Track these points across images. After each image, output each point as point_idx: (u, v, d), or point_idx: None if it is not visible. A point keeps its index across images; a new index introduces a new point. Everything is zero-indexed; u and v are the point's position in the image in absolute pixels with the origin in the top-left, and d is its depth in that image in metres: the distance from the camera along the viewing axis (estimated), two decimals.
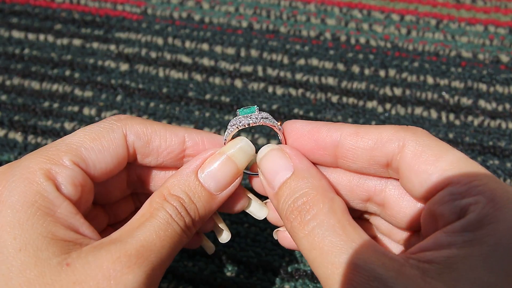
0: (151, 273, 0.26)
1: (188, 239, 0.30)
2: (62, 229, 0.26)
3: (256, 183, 0.34)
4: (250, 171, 0.34)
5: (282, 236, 0.35)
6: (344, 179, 0.32)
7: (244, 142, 0.32)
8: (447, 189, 0.26)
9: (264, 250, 0.46)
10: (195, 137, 0.32)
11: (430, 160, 0.27)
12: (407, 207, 0.30)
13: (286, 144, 0.32)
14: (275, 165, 0.31)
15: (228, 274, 0.45)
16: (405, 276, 0.23)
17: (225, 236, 0.35)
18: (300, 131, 0.31)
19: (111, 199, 0.35)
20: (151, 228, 0.28)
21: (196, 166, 0.31)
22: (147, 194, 0.34)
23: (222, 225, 0.35)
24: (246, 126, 0.32)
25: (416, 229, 0.31)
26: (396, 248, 0.34)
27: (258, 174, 0.33)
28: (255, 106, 0.33)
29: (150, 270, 0.26)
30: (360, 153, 0.30)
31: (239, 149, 0.31)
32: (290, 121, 0.32)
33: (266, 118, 0.32)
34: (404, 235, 0.33)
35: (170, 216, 0.29)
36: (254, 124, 0.32)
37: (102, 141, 0.30)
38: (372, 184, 0.32)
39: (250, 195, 0.35)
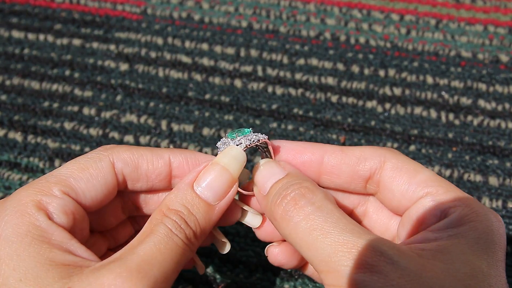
0: (154, 287, 0.26)
1: (192, 252, 0.30)
2: (59, 253, 0.27)
3: (253, 202, 0.35)
4: (245, 190, 0.34)
5: (275, 252, 0.35)
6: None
7: (235, 150, 0.32)
8: (428, 197, 0.30)
9: (263, 249, 0.46)
10: (179, 157, 0.33)
11: (410, 174, 0.31)
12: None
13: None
14: (269, 171, 0.32)
15: (228, 274, 0.45)
16: (405, 255, 0.26)
17: (226, 248, 0.36)
18: (286, 150, 0.34)
19: (108, 225, 0.35)
20: (151, 243, 0.28)
21: (191, 180, 0.31)
22: (145, 217, 0.35)
23: (221, 237, 0.35)
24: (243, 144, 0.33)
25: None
26: None
27: (254, 194, 0.34)
28: (250, 129, 0.34)
29: (153, 283, 0.26)
30: (344, 168, 0.33)
31: (232, 157, 0.32)
32: (277, 140, 0.34)
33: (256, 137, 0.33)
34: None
35: (170, 230, 0.29)
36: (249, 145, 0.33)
37: (90, 170, 0.31)
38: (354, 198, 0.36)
39: (243, 205, 0.35)
